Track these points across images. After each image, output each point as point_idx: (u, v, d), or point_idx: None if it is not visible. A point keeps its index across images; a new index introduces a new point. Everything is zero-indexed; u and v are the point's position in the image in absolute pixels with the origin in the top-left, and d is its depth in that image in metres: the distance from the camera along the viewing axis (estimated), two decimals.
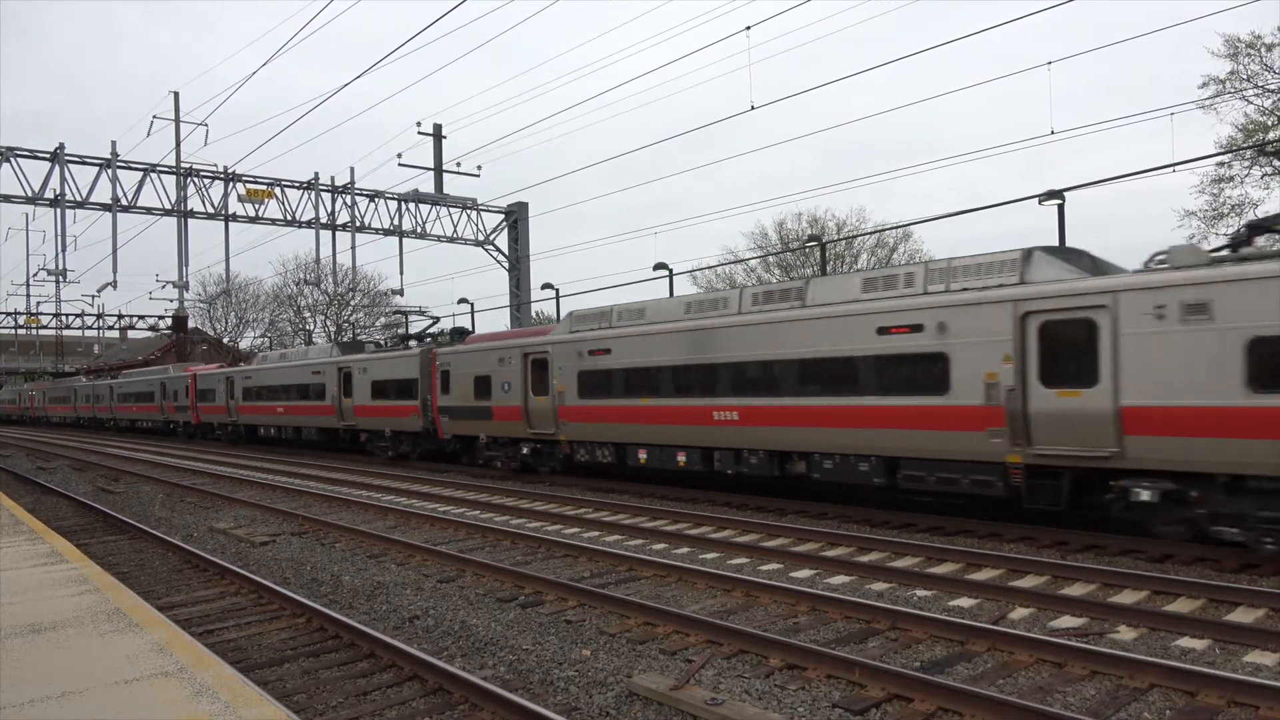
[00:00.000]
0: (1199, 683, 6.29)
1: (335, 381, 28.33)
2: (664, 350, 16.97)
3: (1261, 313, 9.51)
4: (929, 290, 12.99)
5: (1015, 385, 11.72)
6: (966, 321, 12.30)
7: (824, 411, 14.10)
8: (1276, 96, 30.39)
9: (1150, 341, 10.47)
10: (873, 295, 13.74)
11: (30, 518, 13.97)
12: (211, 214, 32.11)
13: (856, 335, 13.59)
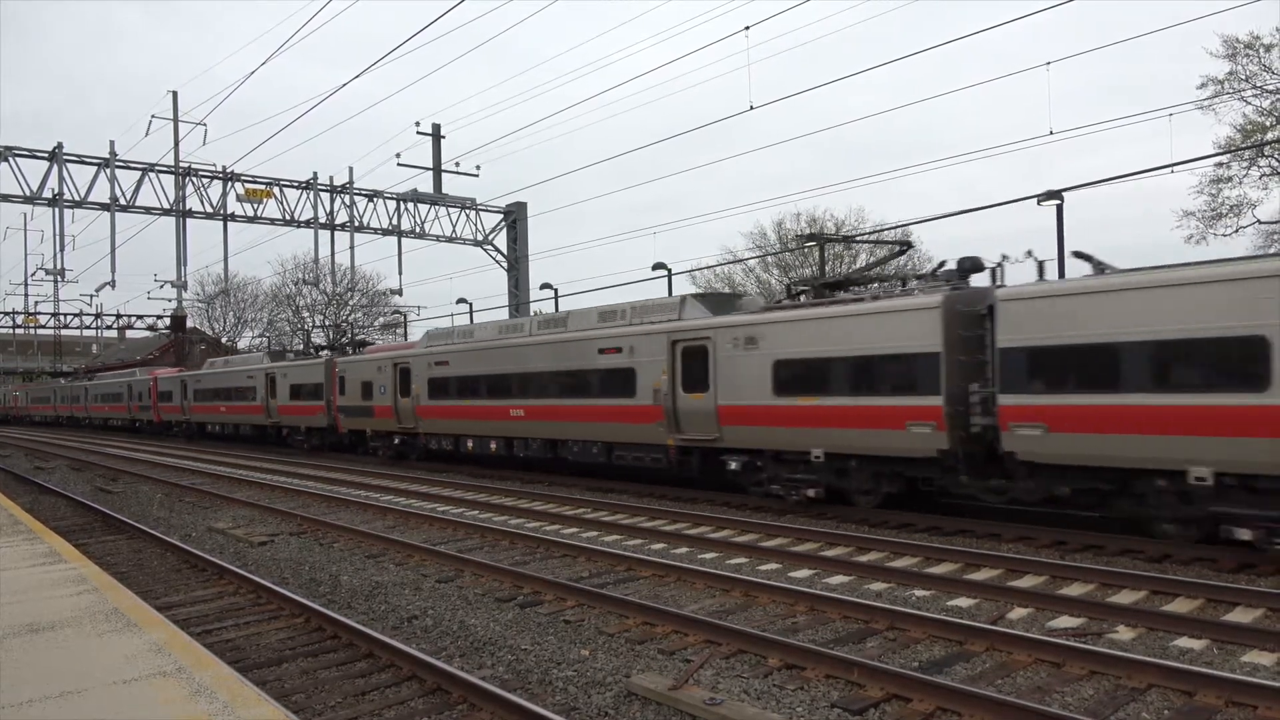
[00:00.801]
0: (1197, 683, 6.30)
1: (264, 385, 33.08)
2: (482, 363, 21.55)
3: (780, 344, 14.71)
4: (631, 323, 17.93)
5: (669, 390, 16.66)
6: (645, 346, 17.22)
7: (573, 410, 18.97)
8: (1275, 97, 30.43)
9: (732, 361, 15.50)
10: (600, 325, 18.76)
11: (28, 517, 13.95)
12: (210, 214, 32.08)
13: (589, 355, 18.52)
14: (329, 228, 34.41)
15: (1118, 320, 10.76)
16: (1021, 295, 11.74)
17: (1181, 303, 10.22)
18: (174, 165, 31.06)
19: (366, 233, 35.59)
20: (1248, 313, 9.68)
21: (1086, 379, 11.08)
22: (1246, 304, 9.70)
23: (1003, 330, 11.81)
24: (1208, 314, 9.99)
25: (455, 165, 33.88)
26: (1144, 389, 10.58)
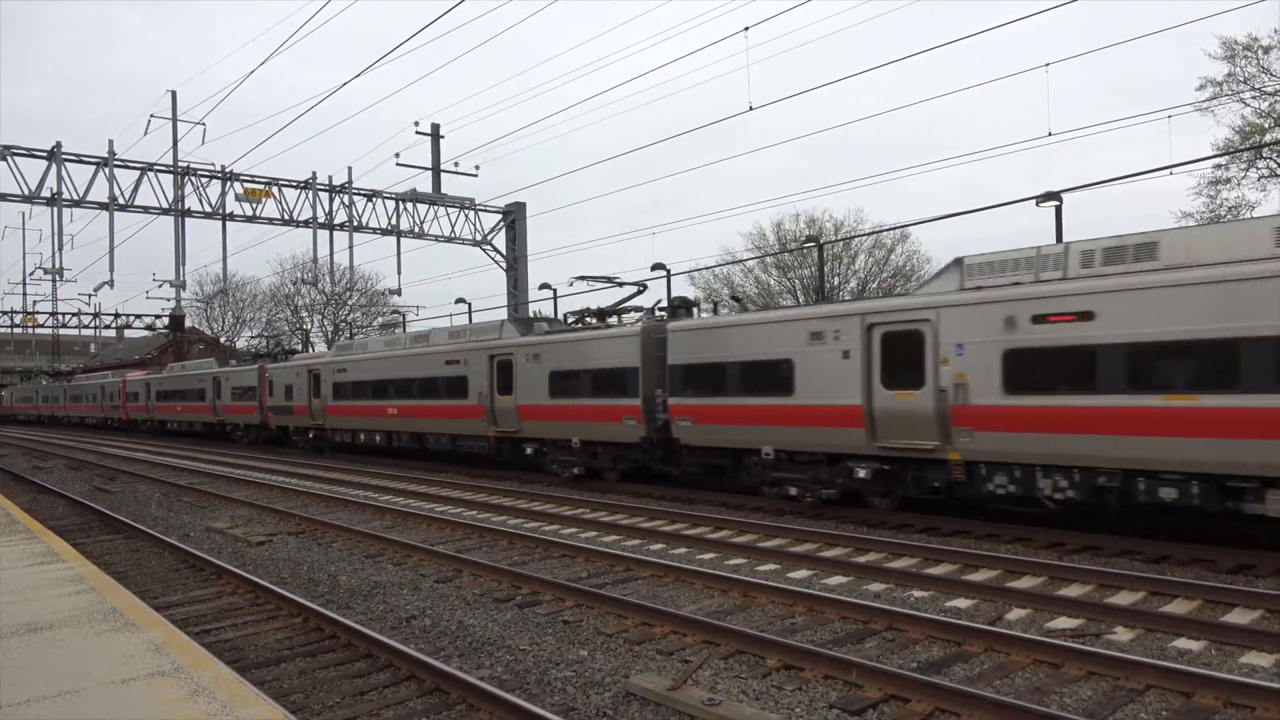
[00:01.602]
0: (1195, 684, 6.31)
1: (211, 387, 38.07)
2: (369, 370, 26.38)
3: (553, 359, 19.64)
4: (467, 341, 22.85)
5: (489, 394, 21.44)
6: (473, 359, 22.11)
7: (428, 409, 23.77)
8: (1273, 99, 30.47)
9: (527, 371, 20.24)
10: (447, 342, 23.71)
11: (26, 517, 13.94)
12: (209, 213, 32.03)
13: (438, 365, 23.45)
14: (328, 227, 34.38)
15: (723, 348, 15.89)
16: (680, 328, 16.92)
17: (760, 334, 15.27)
18: (173, 165, 31.02)
19: (365, 232, 35.57)
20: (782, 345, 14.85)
21: (711, 386, 16.02)
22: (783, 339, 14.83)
23: (670, 352, 16.89)
24: (769, 346, 15.07)
25: (454, 165, 33.86)
26: (738, 394, 15.53)
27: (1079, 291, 11.29)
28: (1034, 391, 11.71)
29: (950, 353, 12.48)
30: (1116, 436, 11.00)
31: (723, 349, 15.88)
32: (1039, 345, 11.64)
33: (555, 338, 19.91)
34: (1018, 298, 11.86)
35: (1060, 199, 18.10)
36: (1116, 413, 10.96)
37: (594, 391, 18.56)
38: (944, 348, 12.54)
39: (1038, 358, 11.68)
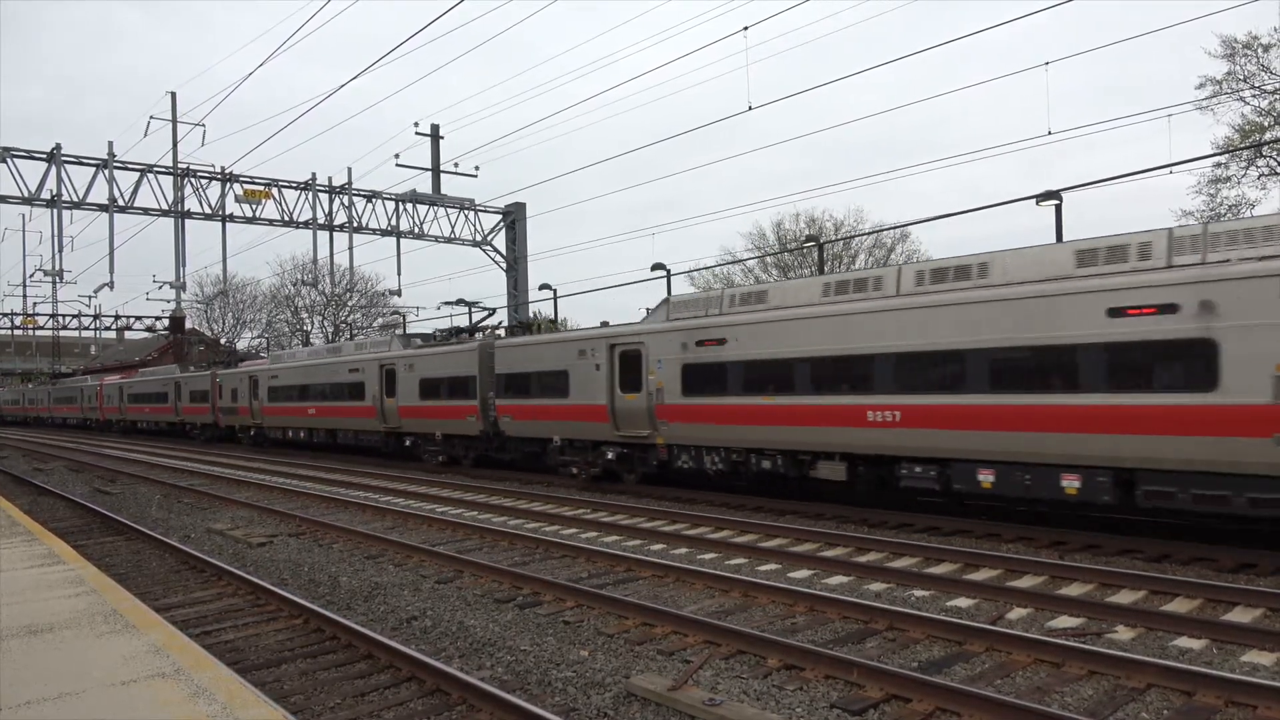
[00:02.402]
0: (1197, 682, 6.30)
1: (173, 390, 43.06)
2: (295, 376, 31.57)
3: (421, 369, 24.22)
4: (367, 352, 27.53)
5: (379, 396, 26.26)
6: (369, 368, 26.78)
7: (337, 409, 28.77)
8: (1273, 97, 30.45)
9: (406, 378, 25.02)
10: (353, 353, 28.76)
11: (27, 519, 13.94)
12: (209, 214, 31.99)
13: (345, 372, 28.14)
14: (328, 228, 34.35)
15: (528, 361, 20.62)
16: (503, 345, 21.92)
17: (549, 350, 20.03)
18: (173, 166, 31.00)
19: (365, 233, 35.52)
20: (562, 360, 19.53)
21: (522, 390, 20.75)
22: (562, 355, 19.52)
23: (497, 364, 21.64)
24: (554, 360, 19.67)
25: (454, 166, 33.83)
26: (538, 396, 20.09)
27: (719, 325, 15.90)
28: (698, 394, 16.23)
29: (654, 366, 17.02)
30: (739, 426, 15.55)
31: (528, 362, 20.71)
32: (700, 361, 16.19)
33: (423, 351, 24.92)
34: (689, 328, 16.44)
35: (1060, 198, 18.10)
36: (738, 409, 15.54)
37: (449, 395, 23.53)
38: (651, 363, 17.11)
39: (699, 370, 16.20)
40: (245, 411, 35.06)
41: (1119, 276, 11.07)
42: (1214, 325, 10.05)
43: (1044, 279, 11.79)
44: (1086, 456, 11.20)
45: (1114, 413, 10.90)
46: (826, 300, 14.48)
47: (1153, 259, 10.93)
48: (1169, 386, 10.45)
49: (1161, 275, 10.63)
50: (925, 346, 12.79)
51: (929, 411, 12.75)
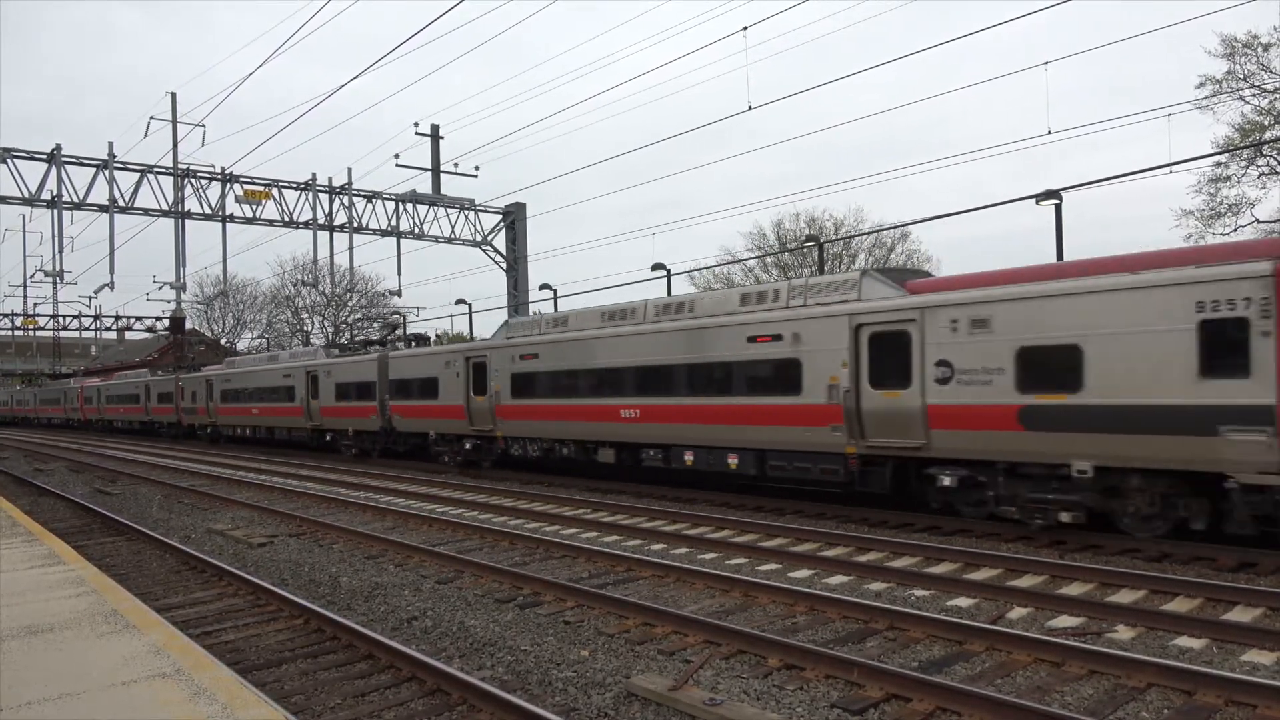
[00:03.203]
0: (1197, 682, 6.30)
1: (144, 392, 47.88)
2: (240, 381, 35.67)
3: (335, 375, 28.65)
4: (298, 363, 31.46)
5: (306, 398, 30.18)
6: (298, 374, 30.72)
7: (275, 409, 32.68)
8: (1273, 96, 30.44)
9: (325, 383, 29.20)
10: (288, 361, 32.84)
11: (27, 519, 13.95)
12: (209, 215, 32.01)
13: (281, 377, 32.19)
14: (328, 229, 34.37)
15: (410, 370, 24.96)
16: (395, 355, 26.18)
17: (425, 361, 24.47)
18: (173, 166, 31.01)
19: (365, 234, 35.54)
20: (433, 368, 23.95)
21: (407, 393, 25.02)
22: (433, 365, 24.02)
23: (391, 372, 25.82)
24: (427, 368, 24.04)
25: (454, 166, 33.84)
26: (417, 398, 24.53)
27: (534, 342, 20.46)
28: (521, 397, 20.60)
29: (494, 374, 21.49)
30: (548, 422, 19.91)
31: (412, 370, 24.94)
32: (522, 371, 20.62)
33: (339, 360, 29.16)
34: (516, 344, 20.96)
35: (1060, 197, 18.11)
36: (547, 409, 19.92)
37: (357, 397, 27.56)
38: (492, 371, 21.56)
39: (522, 378, 20.60)
40: (203, 411, 39.54)
41: (755, 314, 15.33)
42: (800, 349, 14.40)
43: (720, 314, 16.09)
44: (740, 441, 15.50)
45: (752, 410, 15.18)
46: (601, 325, 18.78)
47: (780, 302, 15.14)
48: (780, 391, 14.68)
49: (776, 314, 14.92)
50: (653, 361, 17.09)
51: (656, 410, 17.05)
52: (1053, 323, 11.31)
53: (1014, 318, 11.69)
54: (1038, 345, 11.46)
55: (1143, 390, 10.55)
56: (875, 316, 13.33)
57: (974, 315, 12.08)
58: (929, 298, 12.73)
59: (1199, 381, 10.08)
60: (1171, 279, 10.37)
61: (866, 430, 13.46)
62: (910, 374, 12.81)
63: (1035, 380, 11.49)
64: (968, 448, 12.31)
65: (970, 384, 12.13)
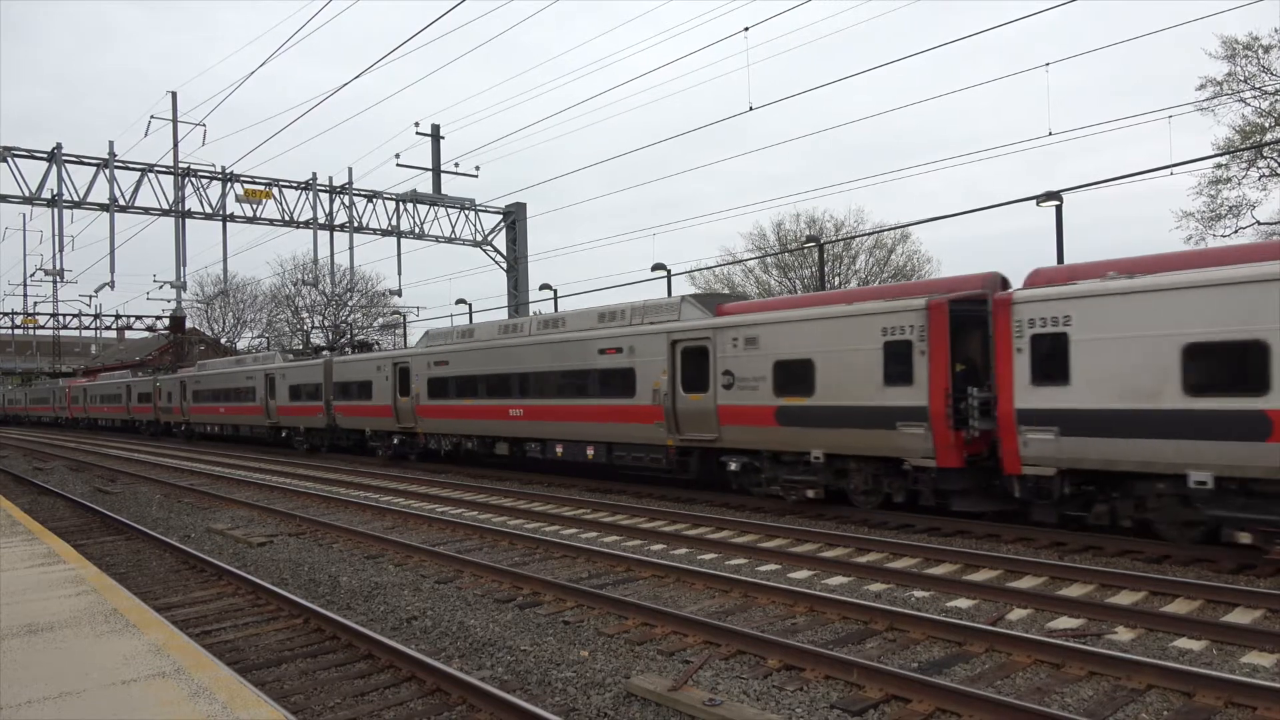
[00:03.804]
0: (1197, 683, 6.30)
1: (125, 393, 51.00)
2: (208, 383, 39.08)
3: (288, 378, 31.99)
4: (260, 366, 34.33)
5: (265, 398, 33.51)
6: (258, 376, 34.03)
7: (240, 409, 35.61)
8: (1274, 98, 30.43)
9: (279, 384, 32.52)
10: (251, 365, 35.42)
11: (27, 518, 13.94)
12: (209, 214, 32.02)
13: (245, 379, 35.15)
14: (328, 228, 34.37)
15: (349, 374, 27.89)
16: (336, 361, 28.81)
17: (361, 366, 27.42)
18: (173, 166, 31.02)
19: (366, 233, 35.55)
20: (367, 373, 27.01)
21: (348, 394, 27.92)
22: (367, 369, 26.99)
23: (335, 375, 28.69)
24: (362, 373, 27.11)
25: (454, 166, 33.86)
26: (354, 398, 27.46)
27: (445, 351, 23.37)
28: (436, 398, 23.70)
29: (415, 379, 24.41)
30: (456, 420, 23.03)
31: (351, 374, 27.96)
32: (436, 375, 23.61)
33: (292, 364, 32.37)
34: (431, 352, 23.92)
35: (1060, 199, 18.12)
36: (455, 408, 22.98)
37: (307, 398, 30.77)
38: (414, 376, 24.45)
39: (436, 381, 23.62)
40: (178, 410, 42.93)
41: (605, 330, 18.47)
42: (635, 359, 17.42)
43: (582, 329, 19.27)
44: (595, 436, 18.52)
45: (603, 410, 18.18)
46: (497, 337, 22.02)
47: (625, 321, 18.32)
48: (622, 394, 17.71)
49: (619, 330, 18.04)
50: (533, 369, 20.22)
51: (536, 410, 20.07)
52: (797, 342, 14.39)
53: (772, 338, 14.78)
54: (787, 359, 14.50)
55: (851, 395, 13.53)
56: (685, 334, 16.46)
57: (748, 335, 15.20)
58: (720, 320, 15.91)
59: (884, 388, 13.07)
60: (868, 310, 13.35)
61: (681, 426, 16.55)
62: (708, 381, 15.87)
63: (785, 386, 14.51)
64: (745, 439, 15.41)
65: (745, 389, 15.22)
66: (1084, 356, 10.87)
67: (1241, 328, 9.61)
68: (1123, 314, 10.56)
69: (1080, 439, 10.97)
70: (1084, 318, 10.88)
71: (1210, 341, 9.87)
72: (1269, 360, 9.41)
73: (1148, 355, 10.31)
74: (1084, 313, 10.89)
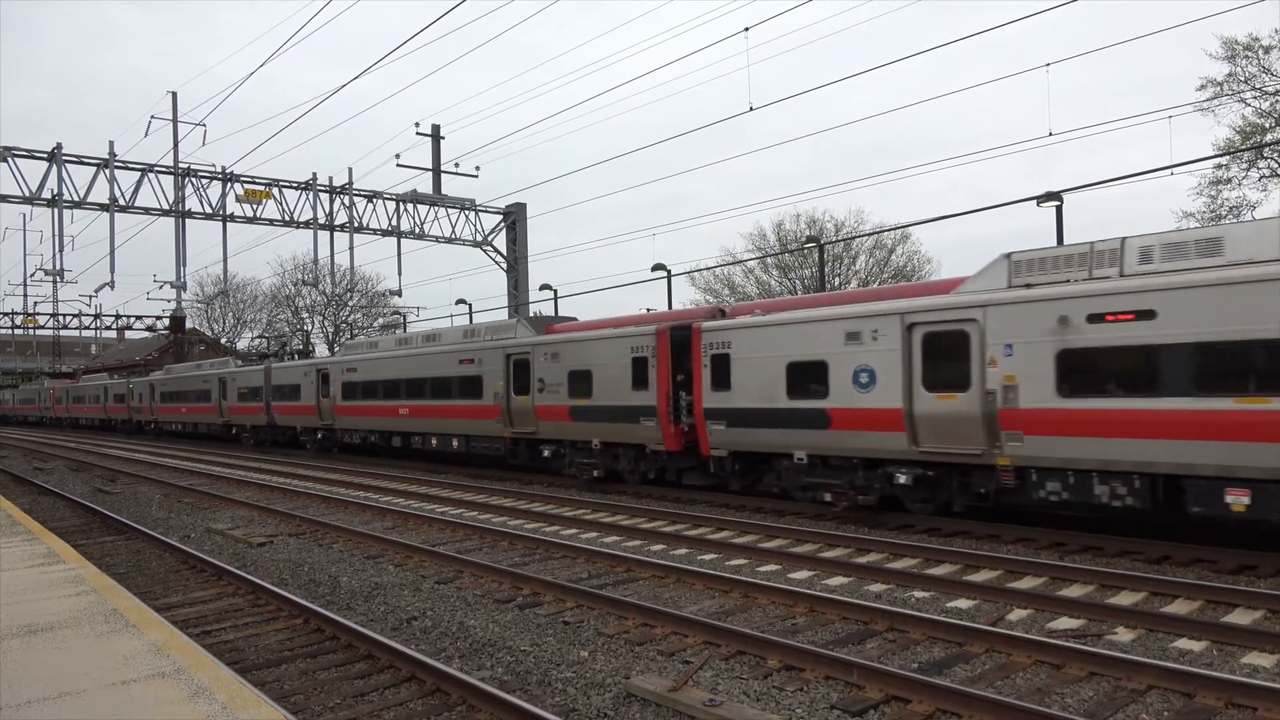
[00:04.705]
0: (1197, 684, 6.30)
1: (101, 394, 56.06)
2: (175, 385, 43.22)
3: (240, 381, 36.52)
4: (216, 369, 39.29)
5: (218, 400, 38.17)
6: (212, 379, 38.67)
7: (198, 409, 40.49)
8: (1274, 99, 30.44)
9: (233, 387, 37.03)
10: (204, 370, 40.66)
11: (27, 518, 13.94)
12: (209, 214, 31.97)
13: (201, 382, 40.14)
14: (328, 228, 34.34)
15: (284, 378, 32.43)
16: (275, 366, 33.36)
17: (292, 372, 31.92)
18: (173, 166, 31.00)
19: (366, 233, 35.49)
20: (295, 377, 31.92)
21: (283, 395, 32.15)
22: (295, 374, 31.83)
23: (274, 379, 32.80)
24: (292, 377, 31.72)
25: (455, 166, 33.84)
26: (287, 399, 31.97)
27: (354, 360, 27.27)
28: (347, 399, 27.66)
29: (333, 382, 28.53)
30: (363, 417, 27.29)
31: (285, 378, 32.13)
32: (347, 380, 27.56)
33: (240, 369, 36.71)
34: (344, 360, 28.20)
35: (1061, 199, 18.12)
36: (363, 409, 27.05)
37: (251, 399, 34.86)
38: (331, 380, 28.67)
39: (348, 386, 27.63)
40: (147, 410, 47.51)
41: (463, 344, 22.87)
42: (482, 369, 21.67)
43: (450, 344, 23.53)
44: (457, 430, 22.88)
45: (462, 409, 22.48)
46: (393, 349, 26.24)
47: (479, 337, 22.61)
48: (474, 397, 21.93)
49: (472, 344, 22.47)
50: (415, 375, 24.29)
51: (417, 409, 24.30)
52: (582, 356, 18.70)
53: (566, 353, 19.17)
54: (576, 369, 18.79)
55: (615, 397, 17.73)
56: (515, 349, 20.69)
57: (553, 351, 19.60)
58: (538, 338, 20.32)
59: (632, 391, 17.24)
60: (623, 333, 17.78)
61: (513, 422, 20.72)
62: (529, 386, 20.07)
63: (575, 391, 18.78)
64: (553, 432, 19.66)
65: (552, 392, 19.47)
66: (739, 371, 15.10)
67: (813, 351, 13.94)
68: (757, 341, 14.87)
69: (739, 429, 15.22)
70: (738, 343, 15.18)
71: (800, 360, 14.15)
72: (828, 374, 13.71)
73: (770, 369, 14.56)
74: (738, 339, 15.19)
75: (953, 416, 12.16)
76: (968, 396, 11.94)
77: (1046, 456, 11.24)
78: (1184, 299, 9.95)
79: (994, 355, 11.64)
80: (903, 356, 12.72)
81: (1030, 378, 11.26)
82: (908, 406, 12.69)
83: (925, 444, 12.58)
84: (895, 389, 12.81)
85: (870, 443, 13.26)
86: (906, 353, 12.71)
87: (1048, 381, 11.09)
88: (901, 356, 12.73)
